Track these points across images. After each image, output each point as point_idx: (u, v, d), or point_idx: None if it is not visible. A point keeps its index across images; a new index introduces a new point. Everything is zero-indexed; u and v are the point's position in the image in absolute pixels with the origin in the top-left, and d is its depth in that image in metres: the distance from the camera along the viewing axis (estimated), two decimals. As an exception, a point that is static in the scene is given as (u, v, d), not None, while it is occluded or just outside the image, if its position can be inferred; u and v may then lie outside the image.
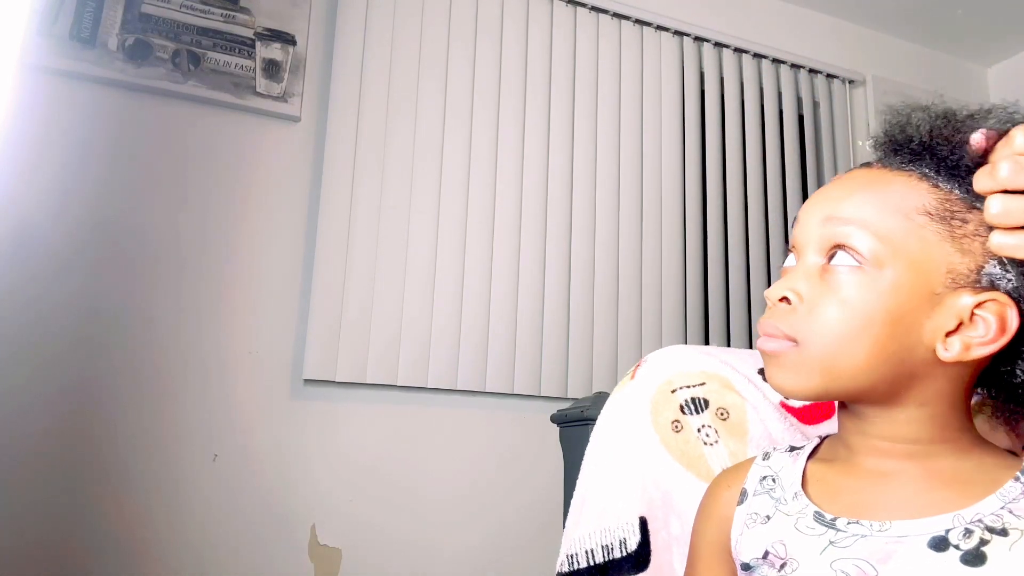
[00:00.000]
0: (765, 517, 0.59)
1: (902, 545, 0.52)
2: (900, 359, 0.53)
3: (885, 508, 0.54)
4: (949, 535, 0.51)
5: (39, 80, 1.63)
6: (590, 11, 2.24)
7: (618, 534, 0.75)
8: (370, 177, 1.88)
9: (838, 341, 0.53)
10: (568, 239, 2.08)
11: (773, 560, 0.57)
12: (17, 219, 1.57)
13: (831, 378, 0.54)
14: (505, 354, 1.94)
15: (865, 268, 0.53)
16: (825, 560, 0.53)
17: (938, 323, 0.52)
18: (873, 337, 0.52)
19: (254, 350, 1.74)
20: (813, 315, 0.54)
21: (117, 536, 1.56)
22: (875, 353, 0.52)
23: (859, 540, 0.53)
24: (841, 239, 0.53)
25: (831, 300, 0.53)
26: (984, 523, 0.50)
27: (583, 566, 0.76)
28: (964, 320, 0.51)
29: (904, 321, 0.52)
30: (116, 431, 1.59)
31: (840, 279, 0.53)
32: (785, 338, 0.55)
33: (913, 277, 0.52)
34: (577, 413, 1.44)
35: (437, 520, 1.82)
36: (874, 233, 0.53)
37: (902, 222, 0.53)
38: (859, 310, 0.53)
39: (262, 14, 1.85)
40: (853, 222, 0.53)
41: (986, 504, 0.51)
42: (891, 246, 0.52)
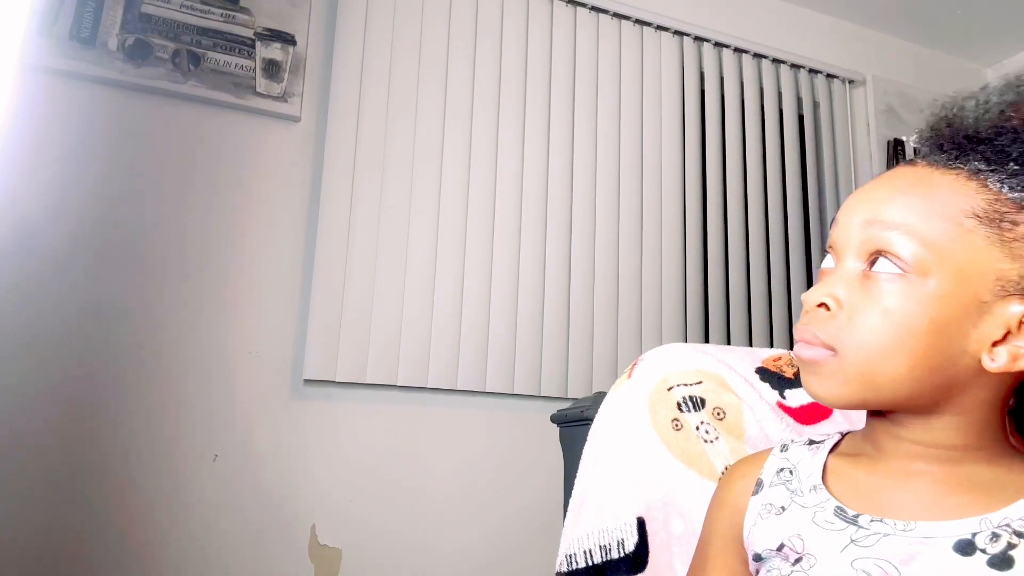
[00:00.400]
0: (780, 508, 0.58)
1: (927, 547, 0.50)
2: (943, 370, 0.51)
3: (910, 508, 0.53)
4: (976, 538, 0.49)
5: (39, 80, 1.63)
6: (590, 11, 2.24)
7: (616, 535, 0.75)
8: (370, 177, 1.88)
9: (879, 352, 0.51)
10: (568, 239, 2.08)
11: (788, 553, 0.56)
12: (17, 219, 1.57)
13: (871, 389, 0.52)
14: (505, 354, 1.94)
15: (909, 276, 0.50)
16: (846, 558, 0.52)
17: (985, 332, 0.50)
18: (916, 349, 0.50)
19: (254, 350, 1.74)
20: (853, 324, 0.52)
21: (117, 536, 1.56)
22: (917, 364, 0.50)
23: (882, 539, 0.52)
24: (884, 245, 0.51)
25: (872, 309, 0.51)
26: (1012, 527, 0.49)
27: (581, 566, 0.76)
28: (1012, 329, 0.49)
29: (948, 331, 0.50)
30: (116, 431, 1.59)
31: (882, 287, 0.51)
32: (823, 346, 0.53)
33: (959, 285, 0.50)
34: (577, 413, 1.44)
35: (437, 520, 1.82)
36: (919, 239, 0.50)
37: (948, 226, 0.50)
38: (902, 321, 0.50)
39: (262, 14, 1.85)
40: (897, 227, 0.51)
41: (1015, 508, 0.50)
42: (936, 253, 0.50)
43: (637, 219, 2.17)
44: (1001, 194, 0.50)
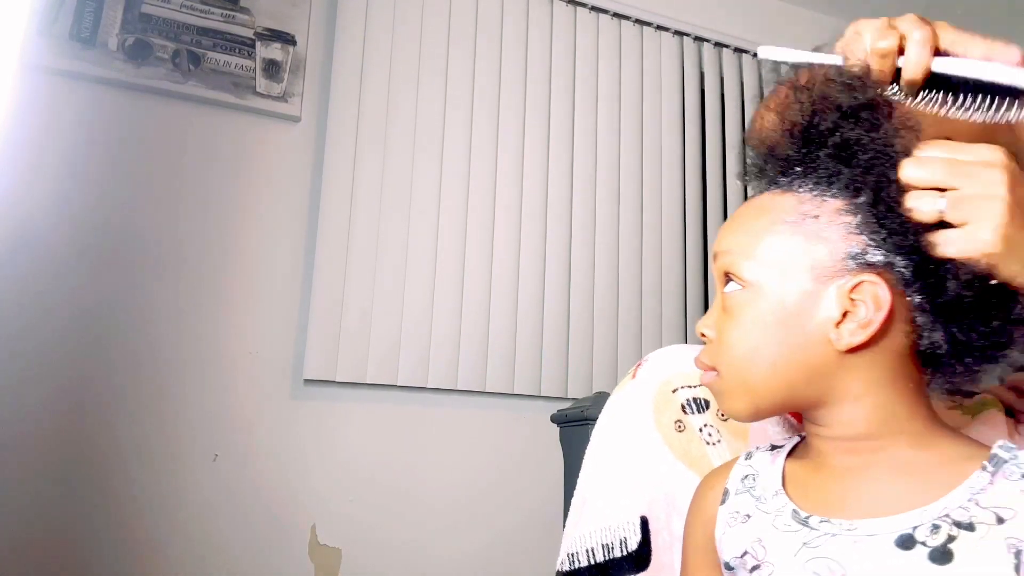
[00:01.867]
0: (746, 516, 0.60)
1: (870, 544, 0.52)
2: (805, 361, 0.55)
3: (852, 506, 0.55)
4: (916, 532, 0.51)
5: (39, 80, 1.63)
6: (590, 11, 2.24)
7: (619, 533, 0.75)
8: (370, 177, 1.88)
9: (742, 361, 0.57)
10: (568, 239, 2.08)
11: (747, 560, 0.58)
12: (17, 219, 1.57)
13: (754, 396, 0.57)
14: (505, 354, 1.94)
15: (748, 288, 0.57)
16: (800, 560, 0.54)
17: (824, 317, 0.54)
18: (770, 348, 0.56)
19: (254, 350, 1.74)
20: (722, 343, 0.58)
21: (117, 536, 1.56)
22: (778, 363, 0.56)
23: (830, 539, 0.54)
24: (727, 268, 0.58)
25: (731, 325, 0.58)
26: (951, 518, 0.50)
27: (583, 565, 0.76)
28: (848, 308, 0.54)
29: (792, 325, 0.55)
30: (116, 431, 1.59)
31: (733, 304, 0.58)
32: (709, 368, 0.60)
33: (786, 283, 0.56)
34: (577, 413, 1.44)
35: (437, 520, 1.82)
36: (747, 255, 0.57)
37: (767, 237, 0.57)
38: (750, 327, 0.57)
39: (262, 14, 1.85)
40: (732, 250, 0.58)
41: (953, 497, 0.51)
42: (763, 263, 0.57)
43: (637, 219, 2.17)
44: (801, 194, 0.57)
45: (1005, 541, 0.48)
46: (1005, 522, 0.49)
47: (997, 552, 0.48)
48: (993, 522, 0.49)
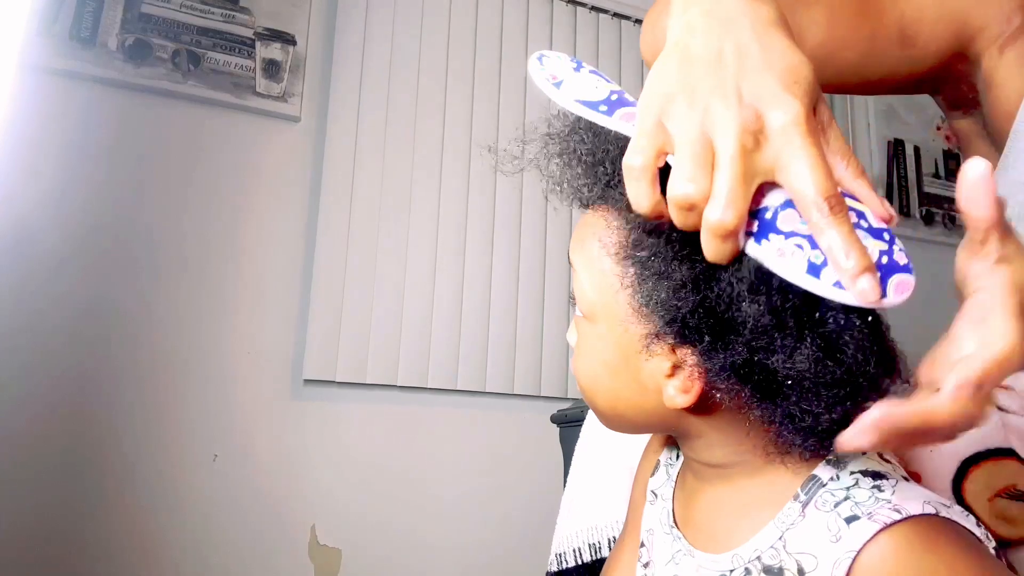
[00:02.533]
0: (654, 496, 0.58)
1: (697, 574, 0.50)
2: (639, 405, 0.50)
3: (696, 530, 0.52)
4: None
5: (39, 80, 1.63)
6: (590, 11, 2.24)
7: (607, 532, 0.75)
8: (370, 177, 1.88)
9: (584, 389, 0.52)
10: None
11: (642, 553, 0.56)
12: (16, 219, 1.57)
13: (605, 419, 0.53)
14: (505, 354, 1.93)
15: (587, 318, 0.51)
16: (668, 573, 0.52)
17: (652, 369, 0.47)
18: (604, 386, 0.51)
19: (254, 350, 1.74)
20: (574, 365, 0.53)
21: (116, 536, 1.56)
22: (612, 400, 0.51)
23: (684, 557, 0.51)
24: (572, 286, 0.51)
25: (577, 351, 0.52)
26: (761, 562, 0.46)
27: (571, 565, 0.76)
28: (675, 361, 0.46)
29: (623, 372, 0.49)
30: (116, 431, 1.59)
31: (578, 329, 0.52)
32: None
33: (619, 332, 0.48)
34: (577, 413, 1.44)
35: (437, 520, 1.82)
36: (581, 278, 0.50)
37: (593, 264, 0.49)
38: (587, 362, 0.51)
39: (262, 14, 1.85)
40: (576, 268, 0.50)
41: (764, 536, 0.46)
42: (592, 293, 0.49)
43: (637, 219, 2.17)
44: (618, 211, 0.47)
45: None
46: (806, 574, 0.43)
47: None
48: (795, 571, 0.44)
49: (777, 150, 0.41)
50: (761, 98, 0.42)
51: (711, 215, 0.40)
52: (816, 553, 0.43)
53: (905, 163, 2.62)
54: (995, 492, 0.60)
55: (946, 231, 2.59)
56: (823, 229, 0.40)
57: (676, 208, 0.41)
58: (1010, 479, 0.61)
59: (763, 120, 0.42)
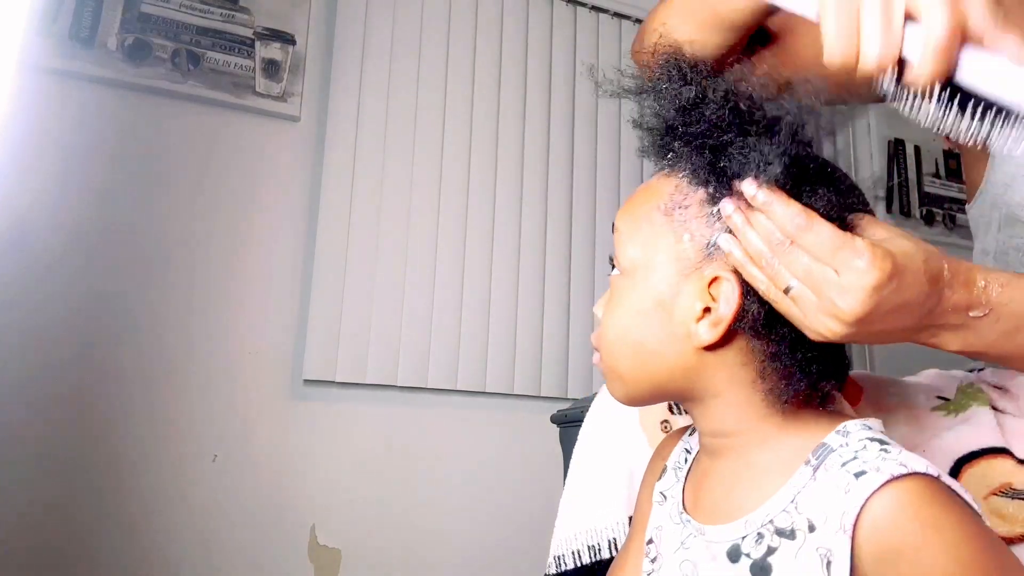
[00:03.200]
0: (663, 497, 0.60)
1: (711, 551, 0.51)
2: (666, 356, 0.54)
3: (707, 507, 0.54)
4: (743, 543, 0.49)
5: (38, 80, 1.63)
6: (590, 11, 2.24)
7: (607, 534, 0.75)
8: (370, 177, 1.88)
9: (611, 345, 0.56)
10: (568, 238, 2.08)
11: (650, 549, 0.58)
12: (15, 218, 1.57)
13: (624, 383, 0.56)
14: (505, 354, 1.93)
15: (625, 275, 0.56)
16: (677, 559, 0.54)
17: (685, 312, 0.52)
18: (636, 338, 0.54)
19: (254, 350, 1.74)
20: (602, 325, 0.57)
21: (117, 536, 1.56)
22: (641, 354, 0.54)
23: (694, 540, 0.53)
24: (613, 251, 0.58)
25: (608, 309, 0.57)
26: (774, 525, 0.48)
27: (569, 567, 0.76)
28: (708, 304, 0.52)
29: (658, 317, 0.53)
30: (116, 431, 1.59)
31: (613, 288, 0.57)
32: (595, 348, 0.58)
33: (653, 275, 0.54)
34: (577, 413, 1.44)
35: (437, 520, 1.82)
36: (628, 241, 0.56)
37: (644, 224, 0.55)
38: (619, 315, 0.55)
39: (262, 14, 1.85)
40: (619, 233, 0.57)
41: (776, 501, 0.49)
42: (639, 250, 0.55)
43: (637, 219, 2.17)
44: (679, 179, 0.54)
45: (817, 551, 0.45)
46: (816, 529, 0.46)
47: (811, 563, 0.45)
48: (807, 529, 0.46)
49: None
50: None
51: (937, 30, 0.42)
52: (826, 508, 0.46)
53: (905, 163, 2.62)
54: (991, 491, 0.61)
55: (946, 231, 2.59)
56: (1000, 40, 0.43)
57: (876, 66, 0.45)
58: (1005, 477, 0.61)
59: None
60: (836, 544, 0.44)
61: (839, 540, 0.44)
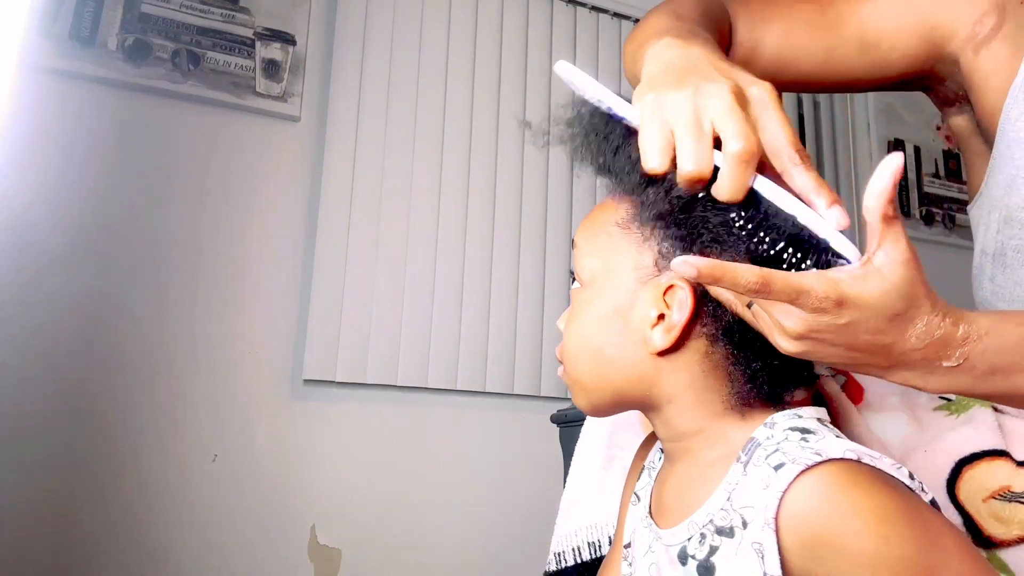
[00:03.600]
0: (637, 498, 0.61)
1: (668, 554, 0.52)
2: (622, 360, 0.55)
3: (664, 512, 0.55)
4: (689, 544, 0.50)
5: (38, 80, 1.63)
6: (590, 11, 2.24)
7: (607, 530, 0.75)
8: (370, 177, 1.88)
9: (572, 356, 0.58)
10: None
11: (628, 553, 0.59)
12: (16, 219, 1.57)
13: (585, 391, 0.58)
14: (505, 354, 1.93)
15: (584, 287, 0.58)
16: (645, 563, 0.55)
17: (641, 318, 0.54)
18: (595, 347, 0.57)
19: (254, 350, 1.74)
20: (565, 337, 0.60)
21: (117, 536, 1.56)
22: (600, 362, 0.56)
23: (656, 543, 0.55)
24: (573, 264, 0.60)
25: (569, 321, 0.60)
26: (714, 524, 0.49)
27: (570, 564, 0.76)
28: (663, 311, 0.53)
29: (615, 325, 0.56)
30: (115, 431, 1.59)
31: (573, 301, 0.60)
32: (560, 361, 0.61)
33: (611, 283, 0.56)
34: (577, 413, 1.44)
35: (437, 520, 1.82)
36: (586, 254, 0.58)
37: (604, 238, 0.57)
38: (579, 324, 0.58)
39: (262, 14, 1.85)
40: (577, 247, 0.60)
41: (714, 500, 0.50)
42: (596, 261, 0.57)
43: (637, 219, 2.17)
44: (634, 199, 0.56)
45: (752, 546, 0.46)
46: (748, 526, 0.47)
47: (749, 559, 0.46)
48: (741, 525, 0.47)
49: (755, 114, 0.50)
50: (738, 78, 0.52)
51: (734, 147, 0.48)
52: (754, 503, 0.47)
53: (905, 163, 2.62)
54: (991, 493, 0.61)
55: (946, 231, 2.59)
56: (796, 174, 0.49)
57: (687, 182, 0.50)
58: (1004, 480, 0.61)
59: (743, 90, 0.51)
60: (764, 539, 0.45)
61: (766, 535, 0.45)
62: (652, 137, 0.50)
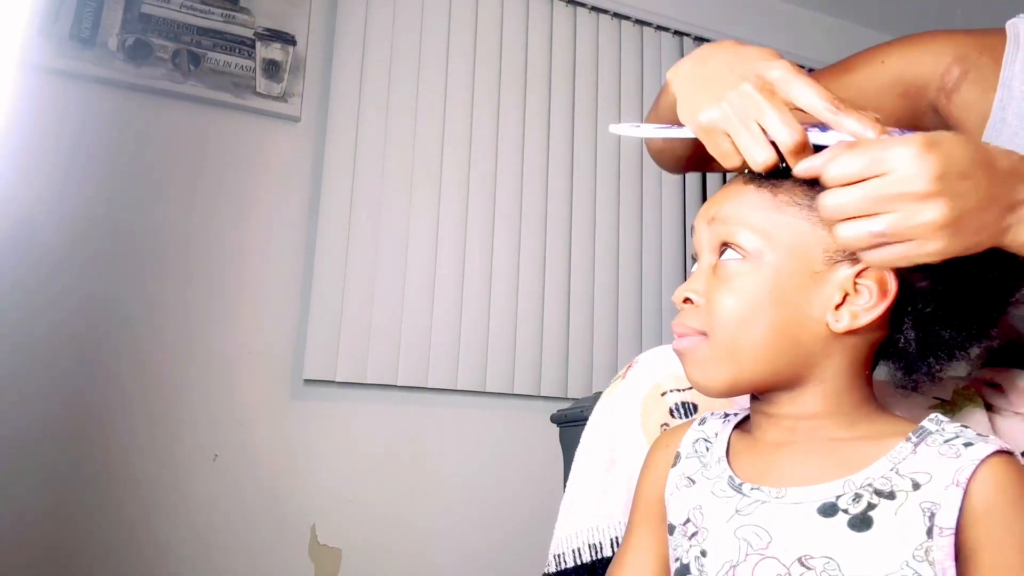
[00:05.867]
0: (690, 480, 0.62)
1: (795, 511, 0.54)
2: (795, 337, 0.56)
3: (783, 475, 0.57)
4: (839, 500, 0.53)
5: (39, 80, 1.63)
6: (590, 11, 2.24)
7: (608, 533, 0.75)
8: (370, 177, 1.88)
9: (736, 326, 0.57)
10: (568, 238, 2.08)
11: (688, 528, 0.60)
12: (16, 219, 1.57)
13: (738, 366, 0.58)
14: (505, 354, 1.94)
15: (748, 259, 0.57)
16: (731, 528, 0.56)
17: (825, 298, 0.56)
18: (766, 319, 0.56)
19: (254, 350, 1.74)
20: (713, 307, 0.58)
21: (117, 536, 1.56)
22: (771, 334, 0.56)
23: (760, 506, 0.56)
24: (725, 236, 0.59)
25: (725, 291, 0.58)
26: (874, 487, 0.52)
27: (570, 565, 0.76)
28: (849, 291, 0.55)
29: (790, 301, 0.56)
30: (116, 431, 1.59)
31: (730, 271, 0.58)
32: (695, 332, 0.59)
33: (791, 261, 0.56)
34: (577, 413, 1.44)
35: (437, 520, 1.82)
36: (751, 227, 0.58)
37: (774, 215, 0.58)
38: (748, 297, 0.57)
39: (262, 14, 1.85)
40: (733, 220, 0.59)
41: (876, 467, 0.53)
42: (767, 236, 0.57)
43: (637, 218, 2.17)
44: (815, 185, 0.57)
45: (920, 505, 0.50)
46: (921, 487, 0.51)
47: (912, 517, 0.50)
48: (910, 488, 0.51)
49: (784, 91, 0.58)
50: (755, 69, 0.60)
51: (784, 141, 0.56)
52: (931, 470, 0.51)
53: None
54: None
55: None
56: (840, 120, 0.56)
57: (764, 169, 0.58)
58: None
59: (764, 77, 0.59)
60: (947, 497, 0.50)
61: (950, 493, 0.50)
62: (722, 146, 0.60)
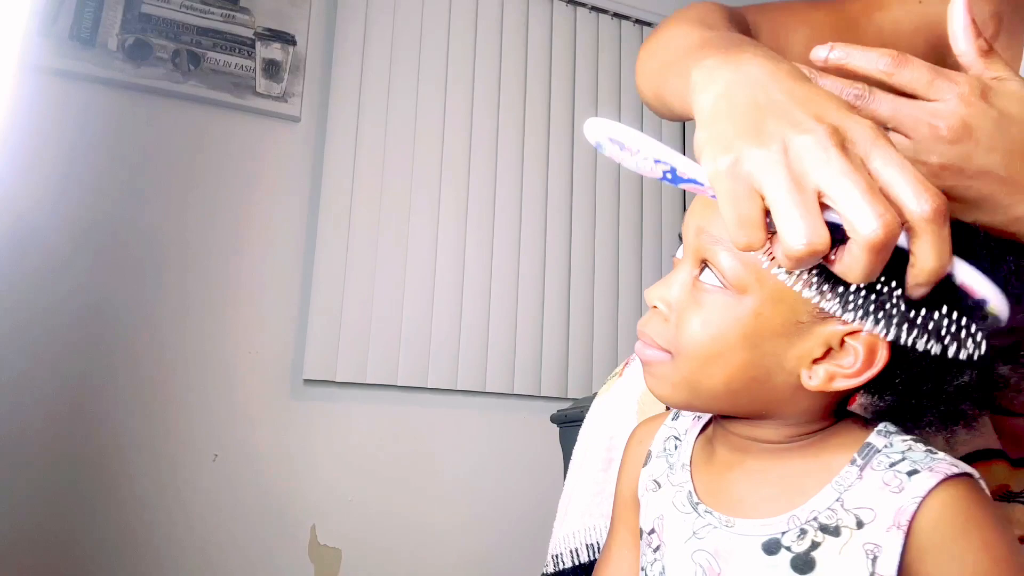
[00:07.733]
0: (656, 484, 0.59)
1: (743, 544, 0.51)
2: (760, 384, 0.51)
3: (734, 501, 0.54)
4: (784, 537, 0.50)
5: (39, 80, 1.63)
6: (590, 11, 2.24)
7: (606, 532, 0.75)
8: (370, 177, 1.88)
9: (701, 362, 0.51)
10: (568, 238, 2.08)
11: (652, 539, 0.57)
12: (16, 218, 1.57)
13: (694, 395, 0.53)
14: (505, 354, 1.93)
15: (728, 291, 0.51)
16: (688, 550, 0.54)
17: (803, 351, 0.49)
18: (732, 362, 0.51)
19: (254, 350, 1.74)
20: (681, 331, 0.52)
21: (117, 536, 1.56)
22: (733, 377, 0.51)
23: (712, 531, 0.53)
24: (709, 256, 0.51)
25: (695, 316, 0.52)
26: (819, 521, 0.49)
27: (568, 566, 0.76)
28: (833, 347, 0.49)
29: (763, 348, 0.50)
30: (116, 431, 1.59)
31: (705, 296, 0.52)
32: (659, 349, 0.54)
33: (775, 307, 0.49)
34: (577, 413, 1.44)
35: (437, 520, 1.82)
36: (739, 258, 0.50)
37: None
38: (717, 333, 0.51)
39: (262, 14, 1.85)
40: (721, 241, 0.50)
41: (821, 498, 0.50)
42: (754, 273, 0.49)
43: (637, 218, 2.17)
44: None
45: (863, 547, 0.47)
46: (864, 526, 0.47)
47: (855, 558, 0.47)
48: (854, 526, 0.47)
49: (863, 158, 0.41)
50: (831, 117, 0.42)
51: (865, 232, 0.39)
52: (874, 506, 0.47)
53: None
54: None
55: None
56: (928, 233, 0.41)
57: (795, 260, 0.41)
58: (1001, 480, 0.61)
59: (842, 131, 0.42)
60: (888, 541, 0.46)
61: (891, 537, 0.46)
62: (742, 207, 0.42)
